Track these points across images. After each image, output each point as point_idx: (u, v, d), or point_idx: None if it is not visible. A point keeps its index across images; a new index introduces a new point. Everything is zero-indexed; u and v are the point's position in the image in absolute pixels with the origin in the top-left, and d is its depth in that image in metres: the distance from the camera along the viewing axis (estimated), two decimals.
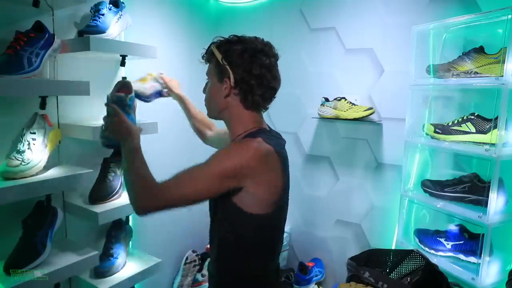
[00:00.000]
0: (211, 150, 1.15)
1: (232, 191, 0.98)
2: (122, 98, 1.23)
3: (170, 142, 2.02)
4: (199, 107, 1.40)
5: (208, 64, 1.10)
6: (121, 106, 1.19)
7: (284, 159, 1.05)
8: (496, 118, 1.33)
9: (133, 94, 1.31)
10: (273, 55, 1.06)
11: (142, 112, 1.80)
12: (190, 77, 2.15)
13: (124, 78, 1.56)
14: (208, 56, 1.08)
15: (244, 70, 1.01)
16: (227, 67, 1.01)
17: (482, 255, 1.37)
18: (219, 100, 1.06)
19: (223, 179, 0.96)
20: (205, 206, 1.20)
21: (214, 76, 1.06)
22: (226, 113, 1.09)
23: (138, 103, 1.78)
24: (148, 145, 1.84)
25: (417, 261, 1.38)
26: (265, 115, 2.32)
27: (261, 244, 1.07)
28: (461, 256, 1.51)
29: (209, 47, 1.08)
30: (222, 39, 1.06)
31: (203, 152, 1.54)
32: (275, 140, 1.04)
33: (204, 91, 1.14)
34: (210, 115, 1.16)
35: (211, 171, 0.97)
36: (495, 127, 1.35)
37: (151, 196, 0.99)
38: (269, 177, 0.99)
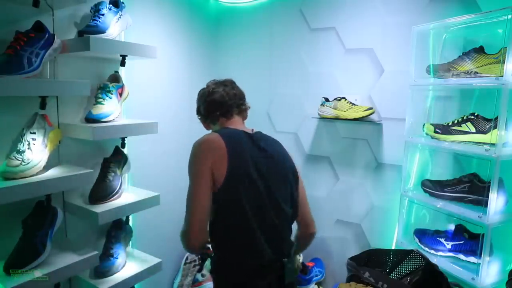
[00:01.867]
0: None
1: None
2: (107, 85, 1.50)
3: (170, 142, 2.02)
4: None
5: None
6: (106, 91, 1.49)
7: (235, 143, 1.22)
8: (496, 118, 1.33)
9: (120, 84, 1.56)
10: (203, 91, 1.40)
11: (142, 112, 1.81)
12: (190, 77, 2.16)
13: (116, 72, 1.62)
14: None
15: (199, 110, 1.42)
16: (197, 115, 1.44)
17: (482, 255, 1.37)
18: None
19: (202, 174, 1.18)
20: None
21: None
22: None
23: (138, 102, 1.79)
24: (148, 145, 1.87)
25: (417, 261, 1.38)
26: (265, 115, 2.33)
27: (227, 223, 1.22)
28: (461, 256, 1.51)
29: None
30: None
31: None
32: (225, 131, 1.28)
33: None
34: None
35: (195, 178, 1.20)
36: (495, 127, 1.35)
37: (183, 235, 1.21)
38: (215, 155, 1.19)
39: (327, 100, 1.93)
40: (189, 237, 1.18)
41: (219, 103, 1.34)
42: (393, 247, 1.78)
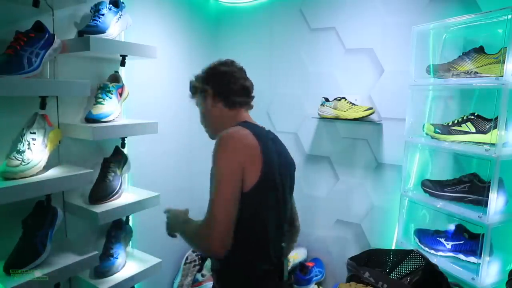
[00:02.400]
0: (209, 150, 1.15)
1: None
2: (107, 85, 1.50)
3: (170, 142, 2.02)
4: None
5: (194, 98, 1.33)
6: (106, 91, 1.48)
7: (265, 142, 1.14)
8: (496, 118, 1.33)
9: (120, 84, 1.55)
10: (233, 69, 1.26)
11: (142, 112, 1.81)
12: (190, 77, 2.15)
13: (116, 72, 1.62)
14: (193, 89, 1.33)
15: (214, 85, 1.26)
16: (207, 86, 1.26)
17: (482, 255, 1.37)
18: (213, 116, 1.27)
19: (235, 171, 1.06)
20: (204, 206, 1.20)
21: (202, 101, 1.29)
22: (220, 126, 1.22)
23: (138, 102, 1.79)
24: (148, 145, 1.87)
25: (417, 261, 1.38)
26: (265, 115, 2.33)
27: (248, 226, 1.12)
28: (461, 256, 1.51)
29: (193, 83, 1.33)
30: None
31: (202, 152, 1.51)
32: (253, 127, 1.17)
33: (201, 122, 1.32)
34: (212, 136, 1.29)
35: (225, 176, 1.07)
36: (495, 127, 1.35)
37: (204, 239, 1.09)
38: (248, 154, 1.08)
39: (327, 100, 1.93)
40: (213, 241, 1.05)
41: (247, 91, 1.24)
42: (393, 247, 1.78)
